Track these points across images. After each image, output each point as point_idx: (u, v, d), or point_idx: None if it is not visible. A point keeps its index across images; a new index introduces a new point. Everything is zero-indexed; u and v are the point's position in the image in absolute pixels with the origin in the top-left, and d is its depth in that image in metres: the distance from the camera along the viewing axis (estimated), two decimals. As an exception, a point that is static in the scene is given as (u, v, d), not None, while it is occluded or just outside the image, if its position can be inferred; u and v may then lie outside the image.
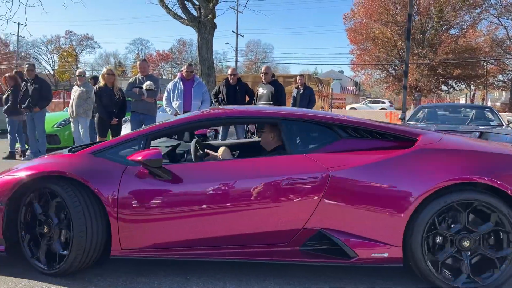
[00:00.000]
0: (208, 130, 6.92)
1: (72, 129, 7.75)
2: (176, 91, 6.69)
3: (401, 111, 14.23)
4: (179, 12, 13.46)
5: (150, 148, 3.05)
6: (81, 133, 7.45)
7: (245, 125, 7.28)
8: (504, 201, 2.69)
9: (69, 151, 3.41)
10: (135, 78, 6.83)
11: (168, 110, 6.84)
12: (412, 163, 2.79)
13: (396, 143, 2.99)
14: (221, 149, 3.48)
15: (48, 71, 66.00)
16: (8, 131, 8.16)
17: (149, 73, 7.01)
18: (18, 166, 3.23)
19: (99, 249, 2.93)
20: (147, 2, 24.62)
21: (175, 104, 6.65)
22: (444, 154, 2.84)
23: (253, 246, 2.89)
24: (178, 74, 6.96)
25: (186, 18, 13.13)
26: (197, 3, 13.08)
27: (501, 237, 2.72)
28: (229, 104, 6.99)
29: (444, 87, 39.48)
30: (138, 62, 6.90)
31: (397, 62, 35.52)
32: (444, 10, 32.91)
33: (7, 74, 8.25)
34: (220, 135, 7.04)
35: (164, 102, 6.99)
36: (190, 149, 3.55)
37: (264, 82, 7.18)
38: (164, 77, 59.42)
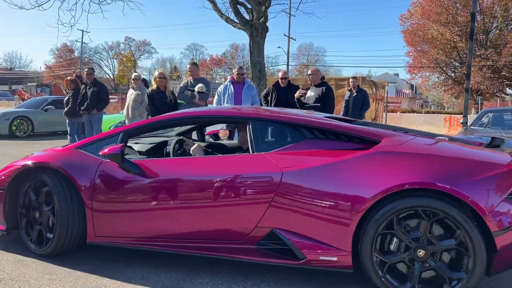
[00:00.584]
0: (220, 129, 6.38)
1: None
2: (227, 94, 6.68)
3: (462, 115, 13.45)
4: (232, 16, 13.61)
5: (116, 144, 3.23)
6: (135, 135, 7.65)
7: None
8: (468, 216, 2.49)
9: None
10: (187, 81, 6.91)
11: (218, 113, 6.84)
12: (364, 166, 2.71)
13: (359, 144, 2.90)
14: (194, 146, 3.59)
15: (109, 75, 69.31)
16: (68, 132, 8.56)
17: (200, 76, 7.07)
18: (28, 156, 3.63)
19: (80, 234, 3.23)
20: (200, 7, 25.10)
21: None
22: (400, 158, 2.72)
23: (213, 242, 2.96)
24: (229, 77, 6.96)
25: (238, 22, 13.22)
26: (249, 6, 13.12)
27: (462, 258, 2.55)
28: (280, 107, 6.91)
29: (509, 91, 37.02)
30: (189, 66, 6.99)
31: (456, 64, 33.77)
32: (510, 9, 30.86)
33: (68, 78, 8.67)
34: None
35: (214, 105, 7.02)
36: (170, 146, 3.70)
37: (312, 84, 6.98)
38: (217, 81, 60.51)
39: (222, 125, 5.93)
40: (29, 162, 3.35)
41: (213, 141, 4.72)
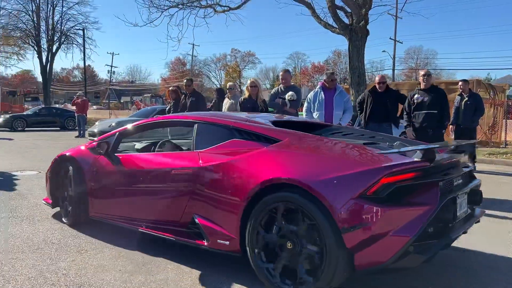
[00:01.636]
0: None
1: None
2: (317, 101, 6.43)
3: None
4: (331, 21, 13.30)
5: (97, 141, 4.26)
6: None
7: None
8: (322, 211, 2.59)
9: None
10: (277, 88, 6.82)
11: (309, 121, 6.62)
12: (254, 162, 3.01)
13: (267, 143, 3.15)
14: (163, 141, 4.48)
15: (216, 86, 72.96)
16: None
17: (291, 84, 6.93)
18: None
19: (85, 209, 4.22)
20: (298, 14, 25.15)
21: (315, 114, 6.39)
22: (280, 155, 2.99)
23: (160, 222, 3.56)
24: (319, 84, 6.71)
25: (337, 27, 12.86)
26: (349, 10, 12.70)
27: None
28: (377, 113, 6.46)
29: None
30: (281, 73, 6.87)
31: None
32: None
33: (170, 88, 9.19)
34: None
35: (304, 112, 6.80)
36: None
37: (422, 87, 6.32)
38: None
39: None
40: (59, 155, 4.58)
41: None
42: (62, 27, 36.90)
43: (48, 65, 36.89)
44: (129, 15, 69.23)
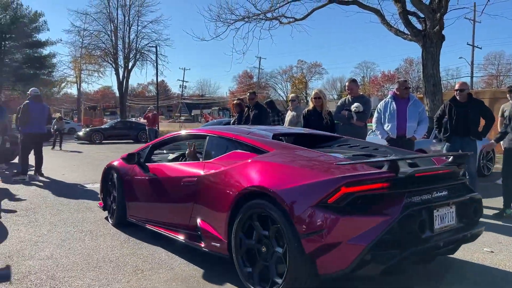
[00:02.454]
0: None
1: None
2: (388, 112, 5.94)
3: None
4: (402, 28, 12.60)
5: (132, 153, 4.71)
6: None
7: None
8: (286, 218, 2.73)
9: None
10: (345, 99, 6.42)
11: (378, 134, 6.13)
12: (241, 172, 3.22)
13: (258, 154, 3.38)
14: (187, 151, 4.61)
15: (282, 97, 73.06)
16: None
17: (360, 94, 6.50)
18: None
19: (123, 214, 4.80)
20: (367, 22, 24.37)
21: (386, 126, 5.91)
22: (260, 166, 3.18)
23: (174, 225, 3.93)
24: (390, 93, 6.20)
25: (409, 33, 12.13)
26: (422, 15, 11.94)
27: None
28: (458, 126, 5.75)
29: None
30: (347, 83, 6.47)
31: None
32: None
33: (234, 102, 9.14)
34: None
35: (374, 124, 6.32)
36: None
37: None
38: (388, 97, 57.71)
39: None
40: (108, 164, 5.29)
41: None
42: (137, 45, 39.11)
43: (124, 81, 39.16)
44: (197, 31, 71.91)
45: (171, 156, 5.24)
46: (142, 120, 30.69)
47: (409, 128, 5.74)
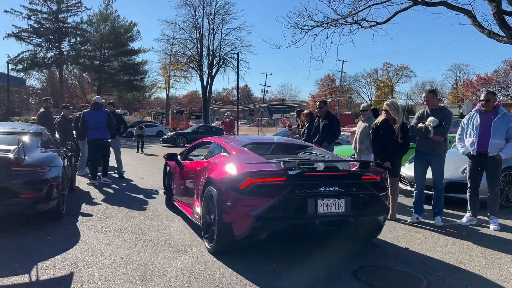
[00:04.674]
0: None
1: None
2: (471, 126, 5.35)
3: None
4: (496, 29, 11.44)
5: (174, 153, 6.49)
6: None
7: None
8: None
9: None
10: (423, 112, 5.90)
11: (460, 148, 5.55)
12: (210, 168, 4.76)
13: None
14: None
15: (366, 102, 70.86)
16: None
17: (440, 105, 5.93)
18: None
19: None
20: (455, 25, 22.50)
21: (467, 141, 5.34)
22: (217, 164, 4.68)
23: (187, 204, 5.58)
24: (477, 105, 5.59)
25: (504, 35, 10.98)
26: (520, 15, 10.74)
27: None
28: None
29: None
30: (424, 94, 5.92)
31: None
32: None
33: (305, 111, 8.92)
34: None
35: (457, 138, 5.75)
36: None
37: None
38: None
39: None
40: (166, 158, 6.68)
41: None
42: (221, 52, 40.41)
43: (208, 86, 40.68)
44: (275, 37, 72.49)
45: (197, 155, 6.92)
46: (221, 125, 31.62)
47: (492, 145, 5.13)
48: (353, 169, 4.32)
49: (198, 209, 4.75)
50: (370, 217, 4.26)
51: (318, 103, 7.99)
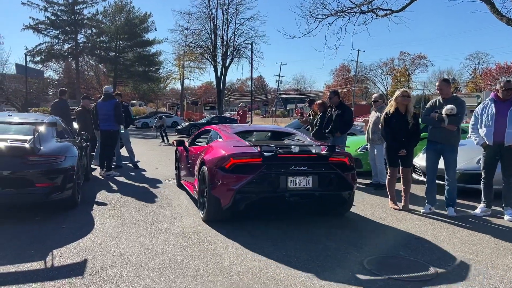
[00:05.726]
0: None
1: (369, 154, 7.45)
2: (485, 115, 5.26)
3: None
4: (516, 16, 11.13)
5: (181, 139, 7.74)
6: (376, 159, 7.04)
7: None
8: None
9: None
10: (435, 101, 5.83)
11: (474, 139, 5.47)
12: (207, 150, 5.59)
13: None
14: None
15: (382, 91, 69.96)
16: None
17: (453, 95, 5.85)
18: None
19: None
20: (472, 12, 22.02)
21: (482, 131, 5.25)
22: (212, 148, 5.48)
23: (191, 183, 6.33)
24: (491, 94, 5.48)
25: (524, 22, 10.69)
26: (541, 0, 10.43)
27: None
28: None
29: None
30: (437, 83, 5.83)
31: None
32: None
33: (318, 101, 8.86)
34: None
35: (470, 128, 5.66)
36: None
37: None
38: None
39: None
40: (176, 144, 7.63)
41: None
42: (234, 42, 40.29)
43: (222, 77, 40.68)
44: (289, 27, 71.85)
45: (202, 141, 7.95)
46: (236, 116, 31.67)
47: (509, 134, 5.03)
48: (322, 152, 4.94)
49: (196, 186, 5.56)
50: (333, 192, 4.98)
51: (329, 93, 7.93)
